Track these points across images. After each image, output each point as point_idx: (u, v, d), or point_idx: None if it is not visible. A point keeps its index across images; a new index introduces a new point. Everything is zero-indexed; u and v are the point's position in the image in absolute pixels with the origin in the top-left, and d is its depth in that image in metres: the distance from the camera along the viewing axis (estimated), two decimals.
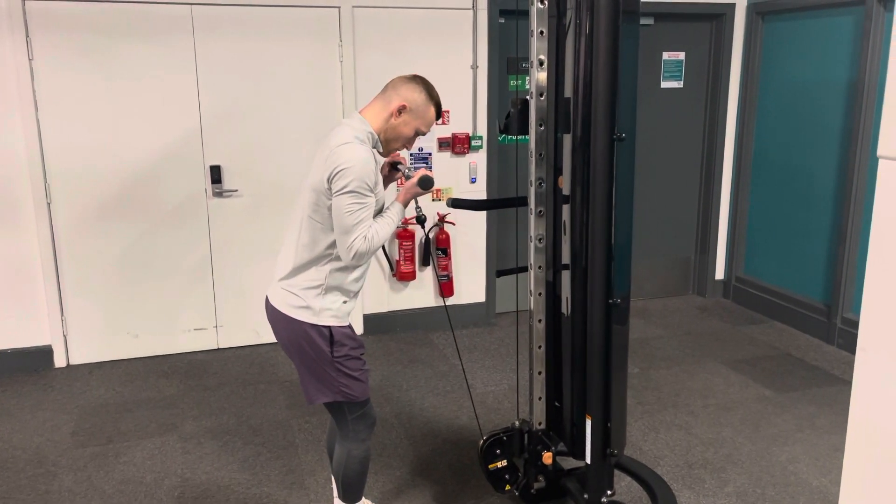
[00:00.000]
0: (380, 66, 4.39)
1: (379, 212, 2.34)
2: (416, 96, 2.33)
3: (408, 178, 2.47)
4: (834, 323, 4.57)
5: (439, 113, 2.41)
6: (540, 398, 2.72)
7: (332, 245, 2.28)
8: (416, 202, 2.51)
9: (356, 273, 2.37)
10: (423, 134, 2.43)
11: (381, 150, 2.40)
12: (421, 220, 2.51)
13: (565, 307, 2.54)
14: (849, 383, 3.90)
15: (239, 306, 4.51)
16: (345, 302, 2.36)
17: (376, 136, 2.34)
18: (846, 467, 1.43)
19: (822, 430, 3.51)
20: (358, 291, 2.42)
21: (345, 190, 2.17)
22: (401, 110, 2.33)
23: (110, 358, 4.37)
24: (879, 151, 1.29)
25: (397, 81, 2.37)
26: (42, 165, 4.03)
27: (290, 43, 4.27)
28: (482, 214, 4.85)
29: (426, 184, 2.41)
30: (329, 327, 2.32)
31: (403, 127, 2.35)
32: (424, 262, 4.79)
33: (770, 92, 5.02)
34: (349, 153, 2.19)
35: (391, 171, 2.60)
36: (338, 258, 2.29)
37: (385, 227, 2.30)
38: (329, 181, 2.20)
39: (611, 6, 2.19)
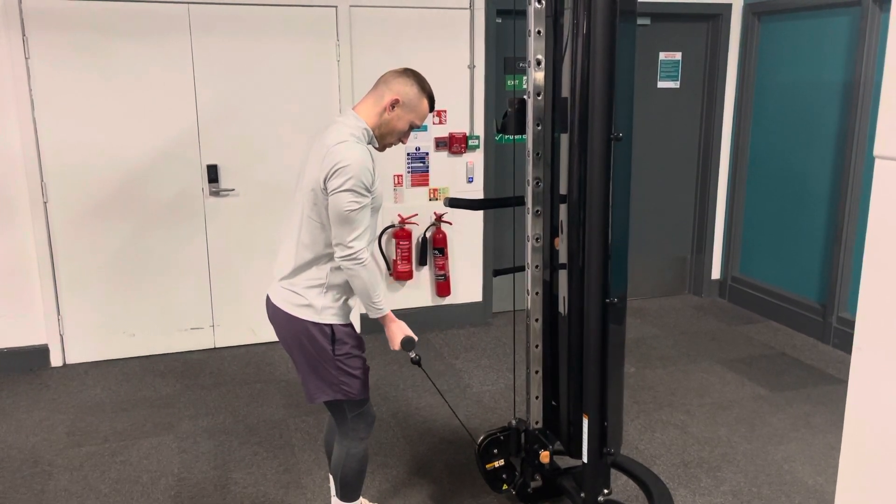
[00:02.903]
0: (377, 66, 4.35)
1: (376, 210, 2.34)
2: (408, 90, 2.33)
3: None
4: (829, 322, 4.58)
5: (432, 105, 2.40)
6: (537, 397, 2.72)
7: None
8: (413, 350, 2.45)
9: None
10: (418, 127, 2.43)
11: (376, 146, 2.40)
12: (415, 361, 2.46)
13: (562, 307, 2.55)
14: (844, 382, 3.92)
15: (235, 305, 4.51)
16: (346, 300, 2.36)
17: (371, 132, 2.34)
18: (842, 466, 1.44)
19: (818, 429, 3.52)
20: None
21: (342, 188, 2.17)
22: (394, 104, 2.33)
23: (106, 357, 4.37)
24: (876, 151, 1.30)
25: (388, 76, 2.37)
26: (38, 164, 4.02)
27: (287, 42, 4.27)
28: (479, 214, 4.86)
29: (407, 345, 2.37)
30: (331, 326, 2.32)
31: (397, 121, 2.35)
32: (421, 262, 4.79)
33: (766, 92, 5.03)
34: (346, 152, 2.19)
35: None
36: None
37: (370, 281, 2.25)
38: (325, 180, 2.19)
39: (608, 6, 2.19)
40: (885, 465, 1.34)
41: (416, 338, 2.40)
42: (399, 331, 2.39)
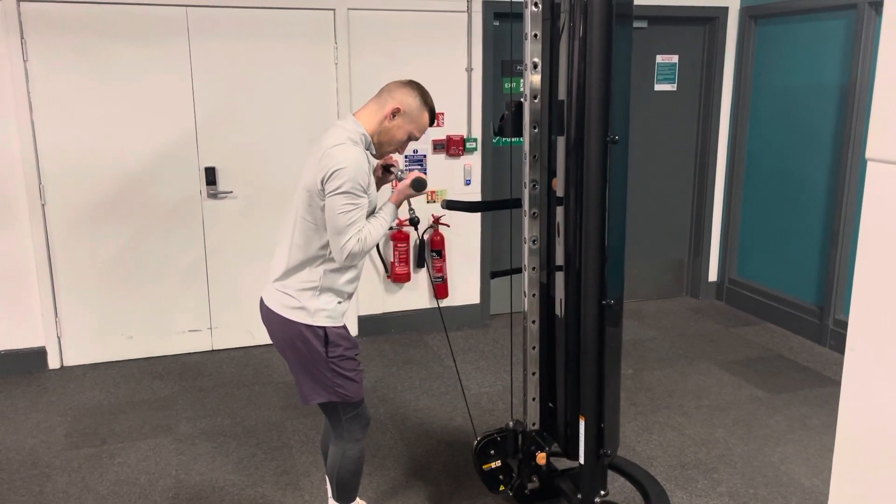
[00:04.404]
0: (375, 69, 4.40)
1: (371, 213, 2.36)
2: (410, 101, 2.35)
3: (400, 180, 2.48)
4: (826, 324, 4.60)
5: (433, 119, 2.43)
6: (534, 399, 2.73)
7: (326, 246, 2.29)
8: (410, 204, 2.52)
9: (350, 274, 2.38)
10: (416, 139, 2.45)
11: (374, 153, 2.41)
12: (414, 221, 2.52)
13: (559, 308, 2.55)
14: (840, 384, 3.93)
15: (233, 308, 4.51)
16: (339, 302, 2.37)
17: (369, 138, 2.35)
18: (835, 466, 1.45)
19: (814, 431, 3.53)
20: (352, 292, 2.43)
21: (338, 191, 2.19)
22: (395, 113, 2.34)
23: (104, 359, 4.37)
24: (868, 153, 1.31)
25: (393, 85, 2.39)
26: (37, 167, 4.03)
27: (285, 45, 4.28)
28: (476, 216, 4.86)
29: (419, 185, 2.41)
30: (324, 328, 2.33)
31: (397, 130, 2.37)
32: (419, 264, 4.80)
33: (763, 95, 5.05)
34: (343, 154, 2.20)
35: (384, 174, 2.61)
36: (331, 259, 2.31)
37: (377, 228, 2.32)
38: (323, 182, 2.21)
39: (604, 9, 2.20)
40: (877, 465, 1.35)
41: (424, 178, 2.40)
42: (405, 187, 2.41)
